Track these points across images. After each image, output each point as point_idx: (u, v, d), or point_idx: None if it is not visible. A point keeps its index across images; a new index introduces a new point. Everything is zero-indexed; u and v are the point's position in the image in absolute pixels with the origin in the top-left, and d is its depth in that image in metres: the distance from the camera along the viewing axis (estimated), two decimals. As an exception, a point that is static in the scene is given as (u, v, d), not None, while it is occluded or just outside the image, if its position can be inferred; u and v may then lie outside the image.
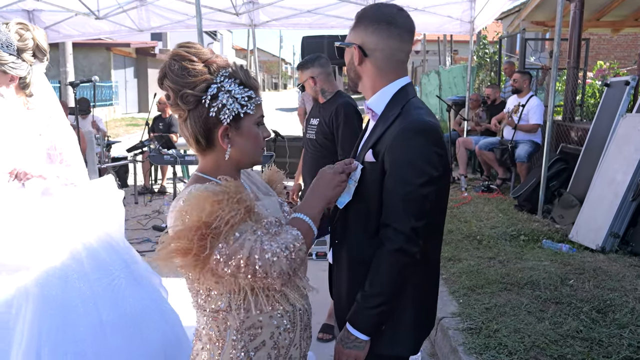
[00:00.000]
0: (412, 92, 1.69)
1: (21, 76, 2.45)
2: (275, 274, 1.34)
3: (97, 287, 2.40)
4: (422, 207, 1.54)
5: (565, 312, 3.44)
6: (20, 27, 2.43)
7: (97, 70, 21.54)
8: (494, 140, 7.51)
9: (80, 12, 7.09)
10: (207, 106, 1.42)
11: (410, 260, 1.55)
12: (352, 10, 7.84)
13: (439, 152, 1.57)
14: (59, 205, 2.47)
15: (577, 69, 7.61)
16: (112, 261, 2.52)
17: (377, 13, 1.66)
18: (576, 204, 5.43)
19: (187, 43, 1.47)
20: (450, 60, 16.98)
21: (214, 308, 1.44)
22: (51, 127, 2.49)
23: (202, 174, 1.50)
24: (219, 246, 1.31)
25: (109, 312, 2.37)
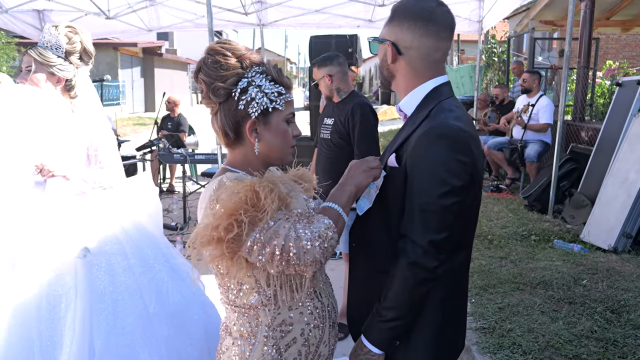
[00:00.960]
0: (446, 93, 1.57)
1: (68, 78, 2.50)
2: (308, 261, 1.34)
3: (142, 280, 2.44)
4: (443, 219, 1.42)
5: (579, 312, 3.43)
6: (69, 30, 2.50)
7: (104, 69, 21.60)
8: (503, 140, 7.49)
9: (91, 12, 7.10)
10: (236, 99, 1.45)
11: (428, 276, 1.43)
12: (360, 9, 7.85)
13: (463, 160, 1.43)
14: (96, 202, 2.51)
15: (587, 69, 7.58)
16: (154, 255, 2.56)
17: (414, 8, 1.54)
18: (587, 204, 5.41)
19: (223, 39, 1.51)
20: (457, 60, 16.94)
21: (245, 303, 1.45)
22: (92, 129, 2.54)
23: (230, 166, 1.51)
24: (253, 233, 1.31)
25: (155, 305, 2.41)
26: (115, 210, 2.55)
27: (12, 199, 2.36)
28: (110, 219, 2.51)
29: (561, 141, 5.83)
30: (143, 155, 7.71)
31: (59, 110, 2.47)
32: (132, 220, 2.57)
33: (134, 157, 7.95)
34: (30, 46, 2.49)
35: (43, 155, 2.41)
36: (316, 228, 1.37)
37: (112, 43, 20.21)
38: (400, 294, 1.45)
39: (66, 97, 2.53)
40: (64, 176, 2.42)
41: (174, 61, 28.70)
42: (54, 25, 2.49)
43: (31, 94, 2.43)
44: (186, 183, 6.56)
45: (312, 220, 1.41)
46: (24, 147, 2.39)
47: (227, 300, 1.50)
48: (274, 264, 1.33)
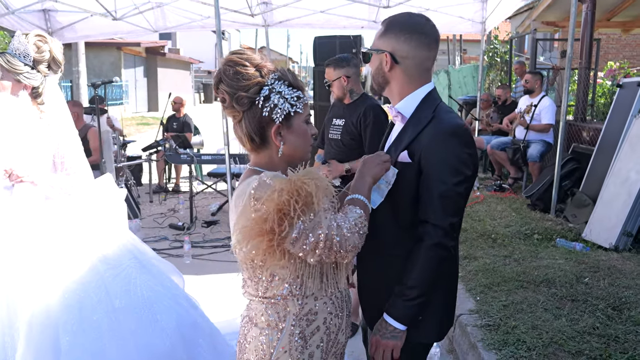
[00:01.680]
0: (438, 97, 1.81)
1: (34, 86, 2.56)
2: (349, 247, 1.48)
3: (107, 277, 2.54)
4: (458, 204, 1.68)
5: (581, 310, 3.50)
6: (39, 39, 2.55)
7: (107, 69, 21.71)
8: (506, 140, 7.56)
9: (97, 12, 7.17)
10: (260, 107, 1.54)
11: (447, 254, 1.67)
12: (364, 10, 7.92)
13: (471, 153, 1.70)
14: (60, 207, 2.61)
15: (588, 70, 7.66)
16: (120, 253, 2.67)
17: (408, 22, 1.77)
18: (589, 203, 5.48)
19: (238, 50, 1.60)
20: (459, 60, 17.00)
21: (275, 294, 1.55)
22: (59, 136, 2.61)
23: (258, 167, 1.60)
24: (298, 225, 1.41)
25: (121, 299, 2.51)
26: (79, 213, 2.64)
27: None
28: (74, 222, 2.60)
29: (563, 141, 5.90)
30: (149, 155, 7.79)
31: (26, 117, 2.54)
32: (96, 222, 2.68)
33: (140, 157, 8.04)
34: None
35: (11, 160, 2.48)
36: (352, 218, 1.52)
37: (116, 43, 20.30)
38: (424, 272, 1.66)
39: (33, 105, 2.59)
40: (32, 182, 2.50)
41: (176, 61, 28.79)
42: (24, 33, 2.55)
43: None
44: (192, 183, 6.65)
45: (345, 210, 1.56)
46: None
47: (255, 293, 1.59)
48: (316, 253, 1.44)
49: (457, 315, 3.58)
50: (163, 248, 5.62)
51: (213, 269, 5.05)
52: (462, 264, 4.41)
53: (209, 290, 4.44)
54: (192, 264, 5.21)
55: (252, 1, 7.37)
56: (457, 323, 3.57)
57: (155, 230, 6.27)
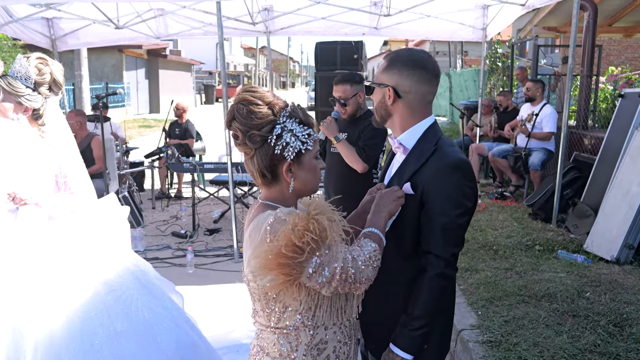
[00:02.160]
0: (439, 130, 1.87)
1: (35, 108, 2.59)
2: (364, 279, 1.55)
3: (108, 300, 2.55)
4: (459, 235, 1.75)
5: (582, 326, 3.52)
6: (40, 61, 2.59)
7: (109, 71, 21.74)
8: (508, 147, 7.57)
9: (100, 20, 7.19)
10: (272, 145, 1.57)
11: (449, 284, 1.74)
12: (365, 17, 7.93)
13: (472, 186, 1.78)
14: (63, 227, 2.63)
15: (590, 77, 7.67)
16: (122, 275, 2.69)
17: (411, 58, 1.83)
18: (591, 214, 5.50)
19: (250, 87, 1.63)
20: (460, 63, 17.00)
21: (287, 325, 1.59)
22: (60, 155, 2.64)
23: (270, 202, 1.64)
24: (313, 260, 1.46)
25: (122, 323, 2.52)
26: (82, 234, 2.66)
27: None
28: (77, 243, 2.62)
29: (565, 150, 5.91)
30: (151, 162, 7.81)
31: (27, 139, 2.57)
32: (99, 243, 2.70)
33: (142, 163, 8.07)
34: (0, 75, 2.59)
35: (14, 183, 2.50)
36: (367, 250, 1.59)
37: (117, 45, 20.27)
38: (429, 302, 1.71)
39: (34, 126, 2.63)
40: (36, 203, 2.52)
41: (178, 62, 28.82)
42: (26, 56, 2.58)
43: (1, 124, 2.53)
44: (195, 190, 6.67)
45: (360, 244, 1.62)
46: None
47: (267, 323, 1.62)
48: (332, 285, 1.50)
49: (458, 330, 3.60)
50: (166, 257, 5.64)
51: (215, 279, 5.06)
52: (463, 277, 4.43)
53: (210, 301, 4.46)
54: (194, 273, 5.23)
55: (253, 9, 7.37)
56: (459, 338, 3.59)
57: (158, 238, 6.29)
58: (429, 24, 8.06)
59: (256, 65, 48.37)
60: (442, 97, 18.25)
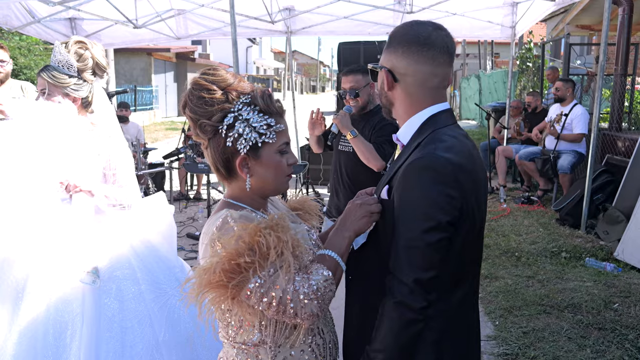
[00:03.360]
0: (443, 121, 1.49)
1: (83, 97, 2.46)
2: (305, 315, 1.31)
3: (152, 307, 2.39)
4: (429, 257, 1.33)
5: (608, 340, 3.26)
6: (79, 46, 2.42)
7: (138, 75, 22.00)
8: (536, 150, 7.27)
9: (120, 21, 7.19)
10: (223, 136, 1.40)
11: (415, 317, 1.33)
12: (389, 16, 7.75)
13: (449, 194, 1.34)
14: (112, 223, 2.47)
15: (624, 76, 7.31)
16: (167, 280, 2.51)
17: (407, 33, 1.49)
18: (622, 220, 5.18)
19: (209, 70, 1.46)
20: (491, 64, 16.63)
21: (246, 341, 1.41)
22: (109, 147, 2.49)
23: (232, 200, 1.47)
24: (253, 280, 1.27)
25: (165, 333, 2.36)
26: (129, 231, 2.51)
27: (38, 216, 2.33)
28: (124, 241, 2.47)
29: (595, 152, 5.61)
30: (170, 163, 7.76)
31: (78, 127, 2.43)
32: (146, 243, 2.53)
33: (162, 164, 8.03)
34: (42, 67, 2.46)
35: (65, 172, 2.38)
36: (314, 281, 1.33)
37: (146, 49, 20.55)
38: (387, 336, 1.35)
39: (83, 115, 2.49)
40: (89, 191, 2.39)
41: (206, 66, 28.71)
42: (63, 42, 2.43)
43: (52, 110, 2.39)
44: (211, 191, 6.57)
45: (310, 270, 1.36)
46: (48, 163, 2.36)
47: (226, 336, 1.46)
48: (269, 313, 1.31)
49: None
50: (178, 259, 5.54)
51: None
52: (482, 284, 4.20)
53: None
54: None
55: (272, 8, 7.26)
56: (474, 350, 3.36)
57: (173, 240, 6.20)
58: (455, 23, 7.81)
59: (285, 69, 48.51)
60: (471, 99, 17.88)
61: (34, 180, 2.35)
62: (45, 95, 2.40)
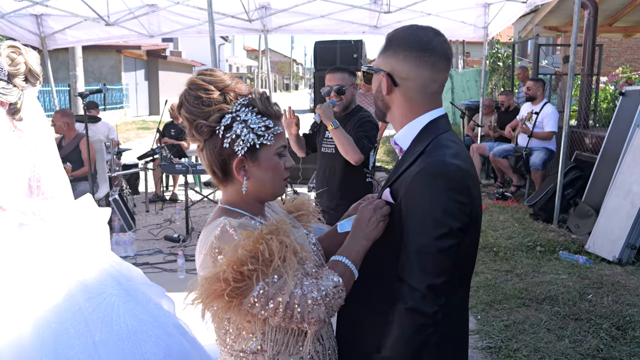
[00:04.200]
0: (443, 127, 1.50)
1: (11, 102, 2.36)
2: (312, 320, 1.29)
3: (86, 307, 2.35)
4: (441, 263, 1.34)
5: (584, 330, 3.39)
6: (12, 50, 2.35)
7: (107, 72, 21.60)
8: (509, 147, 7.45)
9: (90, 17, 7.04)
10: (220, 137, 1.38)
11: (427, 322, 1.34)
12: (365, 15, 7.81)
13: (460, 200, 1.36)
14: (35, 236, 2.44)
15: (591, 76, 7.55)
16: (102, 280, 2.48)
17: (410, 37, 1.49)
18: (592, 214, 5.37)
19: (206, 70, 1.44)
20: (462, 63, 16.89)
21: (244, 348, 1.39)
22: (36, 156, 2.42)
23: (229, 206, 1.45)
24: (257, 287, 1.26)
25: (101, 332, 2.33)
26: (55, 240, 2.47)
27: None
28: (49, 250, 2.43)
29: (566, 149, 5.78)
30: (145, 164, 7.67)
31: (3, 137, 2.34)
32: (76, 248, 2.51)
33: (136, 165, 7.94)
34: None
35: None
36: (324, 286, 1.32)
37: (116, 46, 20.18)
38: (399, 342, 1.35)
39: (10, 121, 2.39)
40: (21, 211, 2.33)
41: (178, 64, 28.68)
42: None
43: None
44: (188, 192, 6.53)
45: (320, 275, 1.36)
46: None
47: (223, 344, 1.44)
48: (275, 319, 1.29)
49: (456, 335, 3.46)
50: (157, 262, 5.49)
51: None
52: (462, 279, 4.30)
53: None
54: (186, 278, 5.09)
55: (249, 6, 7.24)
56: (457, 343, 3.45)
57: (150, 242, 6.13)
58: (430, 22, 7.89)
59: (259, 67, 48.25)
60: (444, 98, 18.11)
61: None
62: None
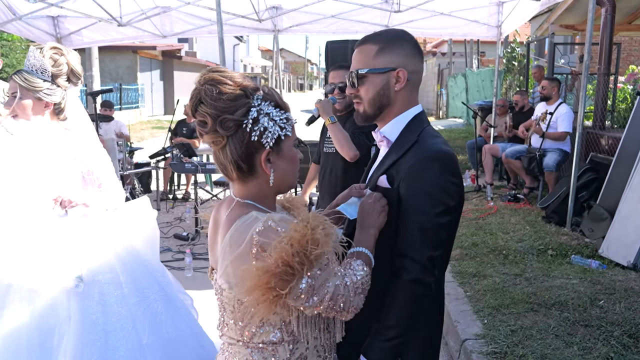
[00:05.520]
0: (426, 120, 1.66)
1: (56, 102, 2.44)
2: (352, 308, 1.39)
3: (135, 310, 2.41)
4: (439, 237, 1.51)
5: (595, 337, 3.29)
6: (55, 52, 2.42)
7: (123, 73, 21.80)
8: (522, 148, 7.32)
9: (103, 18, 7.11)
10: (248, 130, 1.37)
11: (426, 291, 1.51)
12: (376, 15, 7.75)
13: (455, 182, 1.55)
14: (96, 227, 2.49)
15: (607, 76, 7.39)
16: (149, 284, 2.53)
17: (405, 35, 1.63)
18: (606, 217, 5.24)
19: (217, 67, 1.43)
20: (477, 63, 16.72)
21: (264, 340, 1.42)
22: (86, 151, 2.49)
23: (250, 201, 1.44)
24: (304, 281, 1.30)
25: (149, 336, 2.38)
26: (112, 235, 2.51)
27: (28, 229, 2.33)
28: (107, 245, 2.47)
29: (580, 150, 5.66)
30: (156, 162, 7.70)
31: (52, 139, 2.43)
32: (128, 247, 2.53)
33: (148, 164, 7.96)
34: (15, 71, 2.43)
35: (54, 188, 2.38)
36: (359, 276, 1.42)
37: (132, 46, 20.37)
38: (402, 310, 1.50)
39: (55, 120, 2.48)
40: (84, 204, 2.39)
41: (193, 64, 28.84)
42: (39, 47, 2.42)
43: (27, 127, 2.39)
44: (198, 191, 6.53)
45: (352, 266, 1.44)
46: (36, 184, 2.36)
47: (239, 337, 1.44)
48: (319, 309, 1.35)
49: (462, 340, 3.39)
50: (165, 260, 5.48)
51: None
52: (470, 282, 4.22)
53: (209, 306, 4.30)
54: (193, 277, 5.08)
55: (259, 6, 7.23)
56: (462, 349, 3.38)
57: (160, 240, 6.14)
58: (443, 21, 7.86)
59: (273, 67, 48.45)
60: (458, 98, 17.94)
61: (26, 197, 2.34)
62: (17, 98, 2.37)
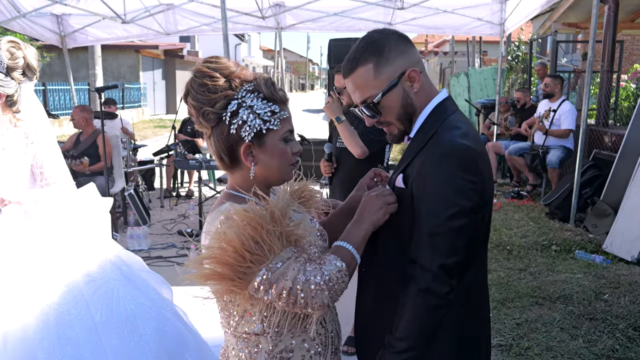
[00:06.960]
0: (451, 108, 1.49)
1: (8, 94, 2.47)
2: (316, 305, 1.30)
3: (86, 291, 2.44)
4: (453, 243, 1.34)
5: (599, 330, 3.31)
6: (12, 45, 2.46)
7: (126, 72, 21.83)
8: (525, 146, 7.34)
9: (107, 16, 7.13)
10: (227, 123, 1.39)
11: (439, 302, 1.35)
12: (379, 13, 7.76)
13: (472, 180, 1.36)
14: (39, 222, 2.51)
15: (610, 73, 7.40)
16: (103, 266, 2.58)
17: (383, 33, 1.50)
18: (610, 213, 5.25)
19: (211, 57, 1.45)
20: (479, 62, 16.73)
21: (247, 331, 1.41)
22: (36, 144, 2.53)
23: (234, 191, 1.45)
24: (261, 273, 1.26)
25: (102, 314, 2.41)
26: (59, 226, 2.55)
27: None
28: (53, 235, 2.51)
29: (583, 147, 5.67)
30: (160, 160, 7.72)
31: (2, 131, 2.46)
32: (77, 234, 2.58)
33: (151, 161, 7.98)
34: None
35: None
36: (327, 271, 1.32)
37: (134, 45, 20.38)
38: (412, 323, 1.36)
39: (8, 113, 2.51)
40: (18, 202, 2.42)
41: (195, 63, 28.81)
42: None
43: None
44: (202, 188, 6.55)
45: (323, 261, 1.35)
46: None
47: (227, 326, 1.45)
48: (280, 303, 1.30)
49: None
50: (170, 255, 5.52)
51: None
52: (474, 277, 4.23)
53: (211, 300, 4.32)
54: (198, 272, 5.10)
55: (263, 3, 7.25)
56: (467, 342, 3.40)
57: (164, 237, 6.17)
58: (445, 19, 7.86)
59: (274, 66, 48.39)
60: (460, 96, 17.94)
61: None
62: None
